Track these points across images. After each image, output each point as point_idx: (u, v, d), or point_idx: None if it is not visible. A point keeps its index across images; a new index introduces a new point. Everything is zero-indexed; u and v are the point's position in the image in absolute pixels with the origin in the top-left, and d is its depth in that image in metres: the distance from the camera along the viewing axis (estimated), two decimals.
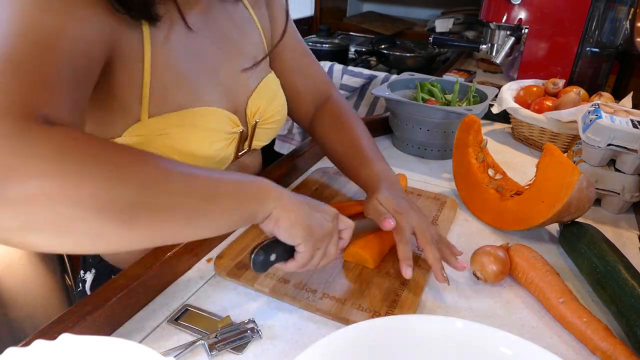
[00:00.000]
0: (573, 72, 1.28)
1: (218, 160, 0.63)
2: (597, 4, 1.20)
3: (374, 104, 1.61)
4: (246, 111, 0.68)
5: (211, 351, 0.48)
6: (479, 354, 0.47)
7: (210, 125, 0.60)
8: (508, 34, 1.32)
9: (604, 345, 0.49)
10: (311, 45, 1.85)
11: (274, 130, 0.74)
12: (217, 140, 0.62)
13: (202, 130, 0.60)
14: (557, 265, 0.62)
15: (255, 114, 0.69)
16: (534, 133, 1.02)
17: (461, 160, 0.80)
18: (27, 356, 0.31)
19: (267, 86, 0.71)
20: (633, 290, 0.53)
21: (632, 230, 0.76)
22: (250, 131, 0.69)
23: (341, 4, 2.37)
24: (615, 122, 0.75)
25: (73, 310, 0.47)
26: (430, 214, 0.74)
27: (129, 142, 0.56)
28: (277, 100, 0.73)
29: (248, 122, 0.69)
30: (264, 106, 0.70)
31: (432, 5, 2.26)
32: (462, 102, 1.00)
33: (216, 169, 0.62)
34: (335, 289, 0.57)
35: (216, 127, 0.61)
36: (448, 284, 0.58)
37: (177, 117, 0.57)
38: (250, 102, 0.68)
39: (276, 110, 0.72)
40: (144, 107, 0.55)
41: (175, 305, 0.55)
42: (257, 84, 0.70)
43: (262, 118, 0.70)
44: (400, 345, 0.48)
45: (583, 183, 0.61)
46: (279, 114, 0.73)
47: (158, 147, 0.57)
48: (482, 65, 1.69)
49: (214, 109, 0.61)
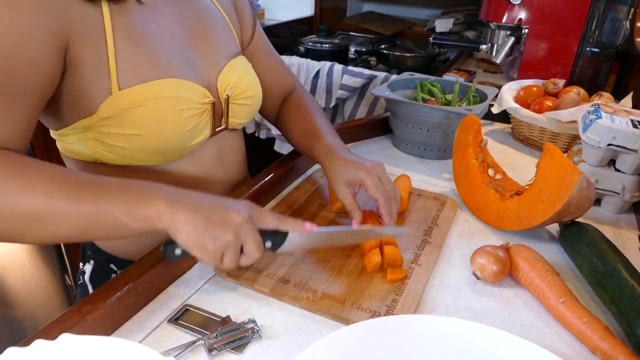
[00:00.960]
0: (573, 72, 1.28)
1: (190, 129, 0.64)
2: (597, 4, 1.20)
3: (374, 104, 1.61)
4: (217, 86, 0.70)
5: (211, 351, 0.48)
6: (479, 354, 0.47)
7: (178, 94, 0.62)
8: (508, 34, 1.32)
9: (604, 345, 0.49)
10: (311, 46, 1.85)
11: (250, 108, 0.75)
12: (186, 108, 0.63)
13: (170, 99, 0.61)
14: (557, 265, 0.62)
15: (225, 89, 0.70)
16: (534, 133, 1.02)
17: (461, 160, 0.80)
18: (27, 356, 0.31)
19: (236, 64, 0.73)
20: (633, 290, 0.53)
21: (632, 230, 0.76)
22: (224, 105, 0.70)
23: (341, 4, 2.37)
24: (615, 122, 0.75)
25: (73, 310, 0.47)
26: (430, 214, 0.75)
27: (104, 115, 0.57)
28: (248, 77, 0.74)
29: (220, 97, 0.70)
30: (235, 81, 0.71)
31: (432, 5, 2.26)
32: (462, 102, 1.00)
33: (191, 141, 0.65)
34: (335, 289, 0.57)
35: (185, 96, 0.62)
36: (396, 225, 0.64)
37: (147, 87, 0.59)
38: (220, 78, 0.70)
39: (248, 85, 0.74)
40: (113, 81, 0.57)
41: (175, 305, 0.55)
42: (227, 62, 0.72)
43: (234, 93, 0.71)
44: (400, 345, 0.48)
45: (583, 183, 0.61)
46: (253, 89, 0.75)
47: (132, 119, 0.58)
48: (482, 65, 1.69)
49: (182, 80, 0.63)
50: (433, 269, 0.63)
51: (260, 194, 0.75)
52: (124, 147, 0.60)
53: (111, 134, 0.59)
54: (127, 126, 0.58)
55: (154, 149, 0.61)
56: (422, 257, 0.64)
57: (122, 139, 0.59)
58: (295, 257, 0.62)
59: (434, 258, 0.64)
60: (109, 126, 0.58)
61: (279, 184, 0.81)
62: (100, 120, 0.57)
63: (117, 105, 0.57)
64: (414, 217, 0.73)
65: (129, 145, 0.60)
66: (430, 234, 0.69)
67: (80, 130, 0.59)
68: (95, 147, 0.60)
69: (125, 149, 0.60)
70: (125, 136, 0.59)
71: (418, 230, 0.70)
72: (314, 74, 1.66)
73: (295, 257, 0.62)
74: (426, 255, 0.64)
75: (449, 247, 0.68)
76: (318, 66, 1.65)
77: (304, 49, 1.86)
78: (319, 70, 1.65)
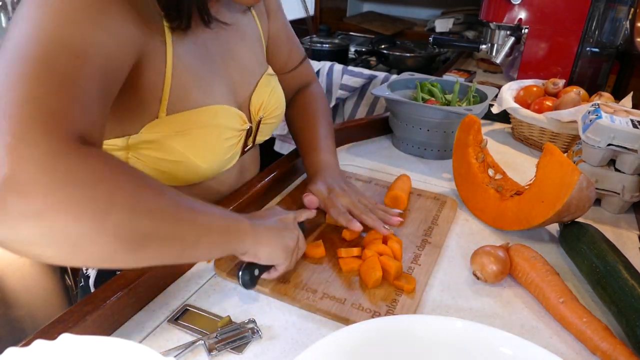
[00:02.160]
0: (573, 72, 1.28)
1: (229, 157, 0.65)
2: (597, 4, 1.20)
3: (374, 104, 1.61)
4: (250, 108, 0.70)
5: (211, 351, 0.48)
6: (479, 354, 0.47)
7: (223, 122, 0.62)
8: (508, 34, 1.32)
9: (604, 345, 0.49)
10: (311, 46, 1.85)
11: (275, 125, 0.77)
12: (229, 137, 0.63)
13: (216, 127, 0.61)
14: (557, 265, 0.62)
15: (259, 110, 0.71)
16: (534, 133, 1.02)
17: (461, 160, 0.80)
18: (27, 356, 0.31)
19: (267, 82, 0.73)
20: (633, 290, 0.53)
21: (632, 230, 0.76)
22: (255, 127, 0.71)
23: (341, 4, 2.37)
24: (615, 122, 0.75)
25: (73, 310, 0.47)
26: (430, 214, 0.75)
27: (147, 138, 0.57)
28: (276, 94, 0.75)
29: (252, 119, 0.71)
30: (266, 101, 0.72)
31: (432, 5, 2.26)
32: (462, 102, 1.00)
33: (225, 166, 0.66)
34: (335, 289, 0.57)
35: (228, 124, 0.63)
36: (391, 232, 0.65)
37: (192, 115, 0.59)
38: (253, 99, 0.70)
39: (277, 104, 0.74)
40: (163, 106, 0.57)
41: (175, 305, 0.55)
42: (257, 81, 0.72)
43: (266, 113, 0.72)
44: (400, 345, 0.48)
45: (583, 183, 0.61)
46: (279, 107, 0.76)
47: (175, 144, 0.58)
48: (482, 65, 1.69)
49: (226, 106, 0.63)
50: (433, 269, 0.63)
51: (261, 194, 0.75)
52: (161, 170, 0.59)
53: (150, 157, 0.58)
54: (167, 151, 0.58)
55: (189, 175, 0.62)
56: (422, 257, 0.64)
57: (160, 164, 0.59)
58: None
59: (434, 258, 0.64)
60: (150, 149, 0.58)
61: (279, 184, 0.81)
62: (141, 142, 0.57)
63: (161, 130, 0.57)
64: (414, 217, 0.73)
65: (165, 169, 0.59)
66: (430, 233, 0.69)
67: (120, 148, 0.58)
68: (131, 164, 0.59)
69: (161, 173, 0.60)
70: (164, 161, 0.59)
71: (418, 230, 0.70)
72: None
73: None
74: (426, 255, 0.64)
75: (449, 247, 0.68)
76: (318, 66, 1.65)
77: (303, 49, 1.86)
78: (319, 71, 1.64)
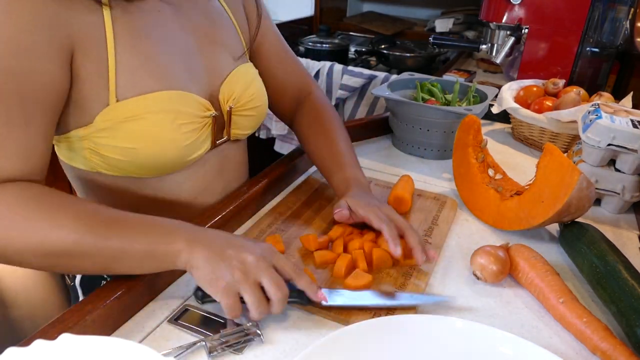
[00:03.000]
0: (573, 72, 1.28)
1: (189, 144, 0.62)
2: (597, 4, 1.20)
3: (374, 104, 1.61)
4: (219, 98, 0.68)
5: (211, 352, 0.48)
6: (479, 354, 0.47)
7: (178, 107, 0.60)
8: (508, 34, 1.32)
9: (604, 345, 0.49)
10: (311, 46, 1.85)
11: (254, 119, 0.73)
12: (186, 122, 0.61)
13: (171, 112, 0.59)
14: (557, 265, 0.62)
15: (228, 100, 0.68)
16: (534, 133, 1.02)
17: (461, 160, 0.80)
18: (27, 356, 0.31)
19: (240, 73, 0.71)
20: (633, 290, 0.53)
21: (632, 230, 0.76)
22: (226, 117, 0.69)
23: (341, 4, 2.37)
24: (615, 122, 0.75)
25: (73, 310, 0.47)
26: (430, 214, 0.75)
27: (101, 126, 0.56)
28: (252, 87, 0.72)
29: (222, 108, 0.68)
30: (239, 92, 0.69)
31: (432, 5, 2.26)
32: (462, 102, 1.00)
33: (189, 155, 0.63)
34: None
35: (183, 109, 0.61)
36: (430, 261, 0.61)
37: (144, 100, 0.57)
38: (222, 88, 0.68)
39: (253, 95, 0.71)
40: (112, 91, 0.56)
41: (175, 305, 0.55)
42: (230, 71, 0.70)
43: (237, 104, 0.69)
44: (400, 345, 0.48)
45: (583, 183, 0.61)
46: (258, 100, 0.72)
47: (127, 132, 0.57)
48: (482, 65, 1.69)
49: (182, 92, 0.61)
50: (433, 269, 0.63)
51: (260, 194, 0.75)
52: (119, 159, 0.59)
53: (106, 145, 0.58)
54: (121, 139, 0.57)
55: (148, 163, 0.60)
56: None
57: (117, 152, 0.58)
58: (295, 259, 0.62)
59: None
60: (104, 137, 0.57)
61: (279, 184, 0.81)
62: (96, 131, 0.57)
63: (113, 117, 0.56)
64: (414, 217, 0.73)
65: (123, 157, 0.58)
66: (430, 234, 0.69)
67: (76, 140, 0.58)
68: (90, 157, 0.59)
69: (120, 161, 0.59)
70: (120, 149, 0.58)
71: (418, 231, 0.70)
72: (313, 74, 1.66)
73: (296, 258, 0.62)
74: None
75: (449, 247, 0.68)
76: (318, 66, 1.65)
77: (304, 49, 1.86)
78: (319, 71, 1.65)
